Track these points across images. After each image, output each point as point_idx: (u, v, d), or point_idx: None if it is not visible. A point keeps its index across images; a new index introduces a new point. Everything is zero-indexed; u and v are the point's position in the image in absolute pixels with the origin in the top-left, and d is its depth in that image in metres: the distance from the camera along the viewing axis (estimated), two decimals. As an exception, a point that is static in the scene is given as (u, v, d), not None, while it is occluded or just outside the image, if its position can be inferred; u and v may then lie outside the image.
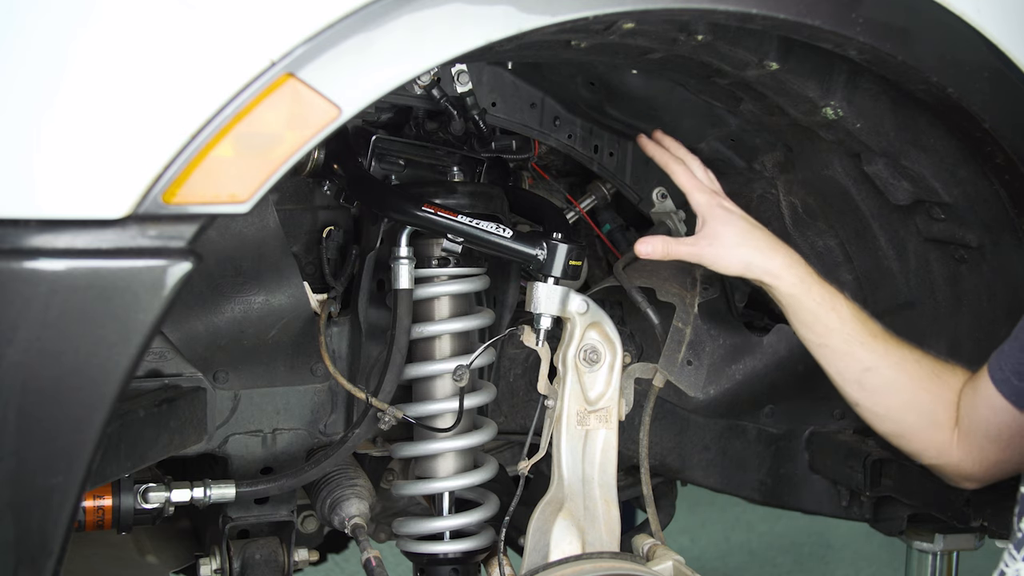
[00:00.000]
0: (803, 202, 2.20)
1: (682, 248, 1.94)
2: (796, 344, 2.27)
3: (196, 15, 1.37)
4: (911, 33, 1.69)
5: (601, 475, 2.00)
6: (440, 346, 2.11)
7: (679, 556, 1.96)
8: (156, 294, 1.38)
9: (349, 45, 1.40)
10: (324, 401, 2.20)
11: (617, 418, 2.01)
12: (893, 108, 1.90)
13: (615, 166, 2.29)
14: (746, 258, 1.91)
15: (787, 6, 1.60)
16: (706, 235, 1.92)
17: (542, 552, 1.97)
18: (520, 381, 2.41)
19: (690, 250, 1.93)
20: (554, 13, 1.49)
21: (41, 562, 1.43)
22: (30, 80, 1.33)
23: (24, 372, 1.36)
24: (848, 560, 4.79)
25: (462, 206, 1.99)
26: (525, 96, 2.18)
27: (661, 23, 1.66)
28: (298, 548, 2.25)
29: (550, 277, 1.94)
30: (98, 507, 1.98)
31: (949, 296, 2.14)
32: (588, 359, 1.99)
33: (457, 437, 2.10)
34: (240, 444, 2.15)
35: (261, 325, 2.07)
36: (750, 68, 1.80)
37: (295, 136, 1.41)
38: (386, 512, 2.41)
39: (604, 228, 2.41)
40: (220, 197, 1.39)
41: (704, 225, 1.93)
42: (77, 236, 1.35)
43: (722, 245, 1.91)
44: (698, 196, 1.95)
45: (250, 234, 2.01)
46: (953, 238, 2.04)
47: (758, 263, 1.91)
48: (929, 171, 1.95)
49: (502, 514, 2.03)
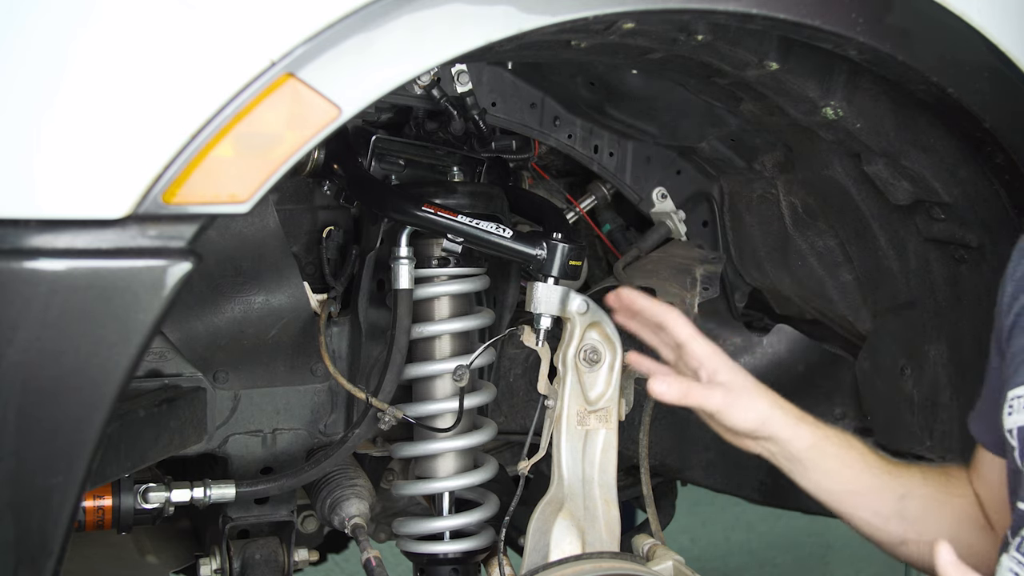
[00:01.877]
0: (803, 202, 2.20)
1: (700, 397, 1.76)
2: (796, 344, 2.28)
3: (196, 15, 1.37)
4: (911, 33, 1.69)
5: (601, 475, 2.00)
6: (440, 346, 2.11)
7: (679, 556, 1.96)
8: (156, 294, 1.38)
9: (349, 45, 1.40)
10: (324, 401, 2.20)
11: (617, 418, 2.01)
12: (893, 108, 1.90)
13: (615, 166, 2.29)
14: (765, 411, 1.77)
15: (787, 6, 1.60)
16: (722, 385, 1.77)
17: (542, 552, 1.97)
18: (520, 381, 2.41)
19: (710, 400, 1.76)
20: (554, 13, 1.49)
21: (41, 562, 1.43)
22: (30, 80, 1.33)
23: (24, 372, 1.36)
24: (848, 560, 4.79)
25: (462, 206, 1.99)
26: (525, 96, 2.18)
27: (661, 23, 1.66)
28: (298, 548, 2.25)
29: (550, 277, 1.94)
30: (98, 507, 1.98)
31: (949, 296, 2.14)
32: (588, 359, 1.99)
33: (457, 437, 2.10)
34: (240, 444, 2.15)
35: (261, 325, 2.07)
36: (750, 68, 1.80)
37: (295, 136, 1.41)
38: (386, 512, 2.41)
39: (604, 228, 2.41)
40: (220, 197, 1.39)
41: (716, 375, 1.77)
42: (77, 236, 1.35)
43: (740, 396, 1.77)
44: (702, 347, 1.80)
45: (250, 234, 2.01)
46: (953, 238, 2.03)
47: (777, 416, 1.77)
48: (929, 171, 1.95)
49: (502, 514, 2.03)
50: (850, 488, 1.76)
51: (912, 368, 2.16)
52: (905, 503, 1.75)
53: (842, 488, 1.76)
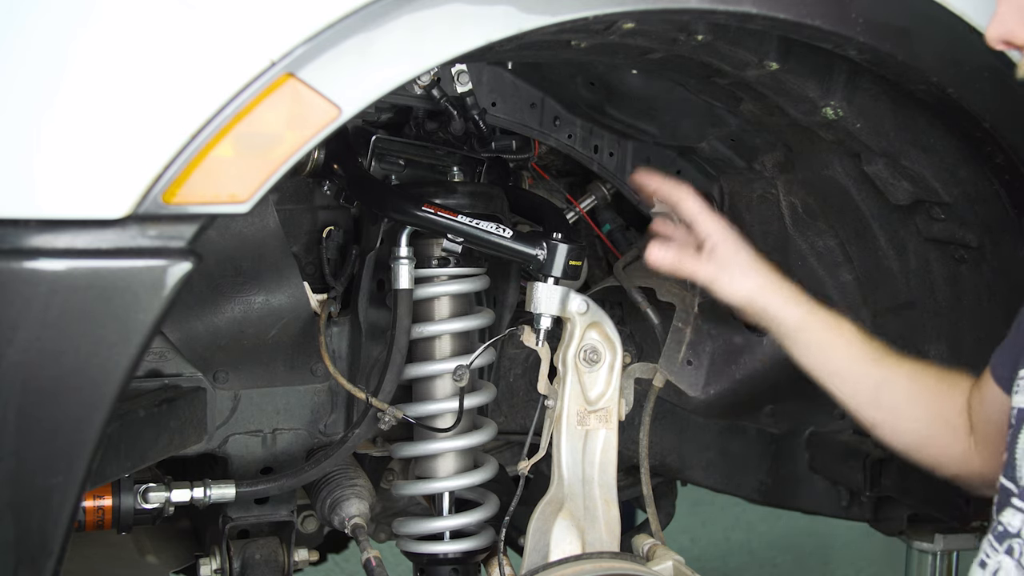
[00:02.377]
0: (803, 202, 2.20)
1: (692, 266, 1.91)
2: (796, 344, 2.26)
3: (196, 15, 1.37)
4: (911, 33, 1.69)
5: (601, 475, 2.00)
6: (440, 346, 2.11)
7: (679, 556, 1.96)
8: (156, 294, 1.38)
9: (349, 45, 1.40)
10: (324, 401, 2.20)
11: (617, 418, 2.01)
12: (893, 108, 1.90)
13: (615, 166, 2.29)
14: (754, 287, 1.89)
15: (787, 6, 1.60)
16: (716, 259, 1.90)
17: (542, 552, 1.97)
18: (520, 381, 2.41)
19: (700, 271, 1.91)
20: (554, 13, 1.49)
21: (41, 562, 1.43)
22: (30, 80, 1.33)
23: (24, 372, 1.36)
24: (848, 560, 4.79)
25: (462, 206, 1.99)
26: (525, 96, 2.18)
27: (661, 23, 1.66)
28: (298, 548, 2.25)
29: (550, 277, 1.94)
30: (98, 507, 1.98)
31: (949, 296, 2.14)
32: (588, 359, 1.99)
33: (457, 437, 2.10)
34: (240, 444, 2.15)
35: (261, 325, 2.07)
36: (750, 68, 1.80)
37: (295, 136, 1.41)
38: (386, 512, 2.41)
39: (604, 228, 2.41)
40: (220, 197, 1.39)
41: (715, 249, 1.90)
42: (77, 236, 1.35)
43: (732, 272, 1.89)
44: (709, 222, 1.92)
45: (250, 234, 2.01)
46: (953, 238, 2.03)
47: (766, 294, 1.89)
48: (929, 171, 1.95)
49: (502, 514, 2.03)
50: (829, 369, 1.88)
51: (912, 368, 2.16)
52: (880, 392, 1.86)
53: (823, 368, 1.89)
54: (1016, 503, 1.55)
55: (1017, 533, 1.54)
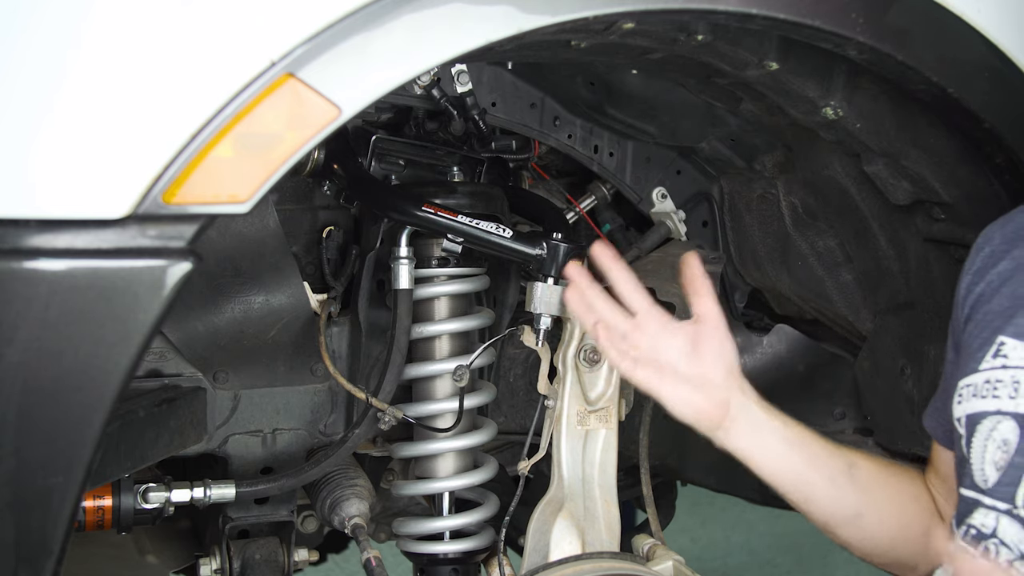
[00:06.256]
0: (803, 202, 2.20)
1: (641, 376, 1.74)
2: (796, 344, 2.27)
3: (196, 15, 1.37)
4: (911, 33, 1.69)
5: (601, 475, 2.00)
6: (440, 346, 2.11)
7: (679, 556, 1.96)
8: (156, 294, 1.38)
9: (349, 45, 1.40)
10: (324, 401, 2.20)
11: (617, 418, 2.01)
12: (893, 108, 1.90)
13: (615, 166, 2.29)
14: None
15: (787, 6, 1.60)
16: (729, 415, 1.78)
17: (542, 552, 1.97)
18: (520, 381, 2.41)
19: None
20: (554, 13, 1.49)
21: (41, 562, 1.43)
22: (30, 80, 1.33)
23: (24, 372, 1.36)
24: (848, 560, 4.77)
25: (462, 206, 1.99)
26: (525, 96, 2.18)
27: (661, 23, 1.66)
28: (298, 548, 2.25)
29: (550, 277, 1.94)
30: (98, 507, 1.98)
31: (949, 296, 2.13)
32: (588, 359, 1.99)
33: (457, 437, 2.10)
34: (240, 444, 2.15)
35: (261, 325, 2.07)
36: (750, 68, 1.80)
37: (295, 136, 1.40)
38: (386, 512, 2.42)
39: (604, 228, 2.41)
40: (220, 197, 1.39)
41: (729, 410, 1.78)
42: (77, 236, 1.35)
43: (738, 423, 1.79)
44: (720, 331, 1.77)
45: (250, 234, 2.01)
46: (953, 238, 2.03)
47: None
48: (929, 171, 1.95)
49: (502, 514, 2.04)
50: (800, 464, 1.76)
51: (912, 368, 2.16)
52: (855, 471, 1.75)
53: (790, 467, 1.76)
54: (987, 502, 1.52)
55: (992, 533, 1.51)
